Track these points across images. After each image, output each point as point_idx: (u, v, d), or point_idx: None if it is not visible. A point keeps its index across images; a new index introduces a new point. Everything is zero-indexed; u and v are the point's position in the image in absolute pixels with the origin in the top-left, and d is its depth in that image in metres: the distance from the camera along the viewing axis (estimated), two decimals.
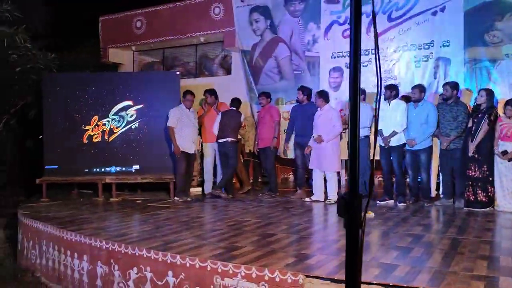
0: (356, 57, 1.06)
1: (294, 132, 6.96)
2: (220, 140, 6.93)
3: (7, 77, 8.32)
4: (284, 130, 7.41)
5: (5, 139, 9.22)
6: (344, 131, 6.50)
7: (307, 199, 6.45)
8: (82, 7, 11.63)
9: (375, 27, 1.27)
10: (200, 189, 7.67)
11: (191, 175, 7.30)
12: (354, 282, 1.05)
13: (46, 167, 7.44)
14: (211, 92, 7.32)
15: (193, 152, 7.02)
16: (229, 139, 6.88)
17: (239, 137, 7.48)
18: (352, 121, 1.09)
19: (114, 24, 10.37)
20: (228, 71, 9.71)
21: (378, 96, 1.25)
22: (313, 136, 6.36)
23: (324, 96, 6.42)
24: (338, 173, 7.03)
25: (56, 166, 7.42)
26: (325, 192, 6.44)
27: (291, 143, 7.10)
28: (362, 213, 1.09)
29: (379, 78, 1.25)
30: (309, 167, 6.53)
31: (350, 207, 1.05)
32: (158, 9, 9.81)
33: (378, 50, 1.20)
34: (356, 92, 1.07)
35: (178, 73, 7.98)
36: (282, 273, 2.97)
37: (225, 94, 7.72)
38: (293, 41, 8.28)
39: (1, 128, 8.76)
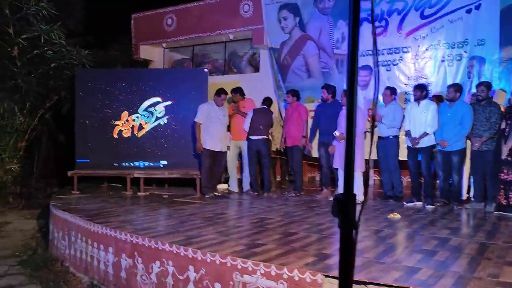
0: (353, 58, 1.05)
1: (318, 131, 6.91)
2: (252, 137, 6.96)
3: (43, 72, 8.62)
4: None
5: (40, 133, 9.55)
6: (369, 130, 6.39)
7: (331, 198, 6.37)
8: (115, 4, 11.89)
9: (373, 28, 1.24)
10: (226, 185, 7.72)
11: (218, 173, 7.27)
12: (347, 283, 1.05)
13: (77, 160, 7.68)
14: (237, 91, 7.33)
15: (219, 150, 6.95)
16: (262, 137, 6.96)
17: None
18: (349, 122, 1.08)
19: (146, 22, 10.56)
20: (256, 69, 9.72)
21: (375, 95, 1.24)
22: (335, 133, 6.25)
23: None
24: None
25: (87, 160, 7.63)
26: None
27: (315, 142, 7.05)
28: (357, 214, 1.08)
29: (377, 79, 1.23)
30: (333, 166, 6.45)
31: (344, 208, 1.04)
32: (189, 7, 9.92)
33: (376, 51, 1.19)
34: (353, 93, 1.06)
35: (206, 70, 8.06)
36: (301, 272, 2.96)
37: (253, 91, 7.74)
38: (322, 38, 8.21)
39: (36, 122, 9.07)
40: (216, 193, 6.95)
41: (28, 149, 9.40)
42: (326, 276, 2.90)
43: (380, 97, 6.36)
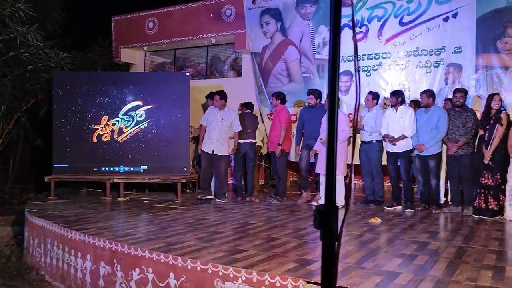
0: (335, 63, 1.04)
1: (303, 135, 6.89)
2: (241, 141, 7.05)
3: (19, 75, 8.41)
4: (292, 133, 7.36)
5: (16, 137, 9.32)
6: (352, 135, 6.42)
7: (314, 203, 6.38)
8: (95, 7, 11.72)
9: (354, 34, 1.24)
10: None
11: (218, 176, 7.03)
12: None
13: (54, 165, 7.51)
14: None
15: (212, 152, 6.77)
16: (250, 141, 7.12)
17: None
18: (330, 128, 1.07)
19: (127, 24, 10.44)
20: (238, 73, 9.71)
21: (357, 102, 1.23)
22: (320, 139, 6.29)
23: None
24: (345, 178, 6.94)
25: (66, 165, 7.48)
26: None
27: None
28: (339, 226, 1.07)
29: (358, 85, 1.23)
30: (316, 171, 6.47)
31: (326, 219, 1.03)
32: (171, 10, 9.85)
33: (357, 57, 1.18)
34: (334, 98, 1.05)
35: (188, 74, 8.01)
36: (282, 278, 2.95)
37: (236, 96, 7.72)
38: (303, 43, 8.25)
39: (12, 126, 8.85)
40: (200, 197, 6.89)
41: (3, 154, 9.15)
42: (308, 282, 2.89)
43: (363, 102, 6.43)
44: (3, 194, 9.24)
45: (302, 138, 6.87)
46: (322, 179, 6.31)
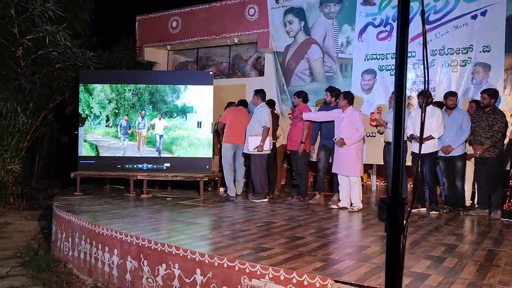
0: (402, 60, 1.03)
1: (320, 135, 6.86)
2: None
3: (47, 73, 8.61)
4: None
5: (42, 134, 9.53)
6: (369, 135, 6.36)
7: (334, 206, 6.26)
8: (120, 7, 11.90)
9: (423, 27, 1.22)
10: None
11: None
12: None
13: (80, 161, 7.66)
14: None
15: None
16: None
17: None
18: (397, 126, 1.06)
19: (151, 24, 10.56)
20: (260, 73, 9.71)
21: (424, 99, 1.21)
22: (335, 139, 6.22)
23: (349, 98, 6.19)
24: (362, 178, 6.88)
25: (93, 162, 7.63)
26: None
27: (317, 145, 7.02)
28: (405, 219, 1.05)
29: (427, 81, 1.21)
30: (332, 171, 6.37)
31: (392, 212, 1.01)
32: (194, 10, 9.92)
33: (426, 52, 1.16)
34: (401, 96, 1.04)
35: (211, 72, 8.05)
36: (310, 276, 2.94)
37: None
38: (327, 43, 8.22)
39: (39, 122, 9.05)
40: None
41: (30, 150, 9.36)
42: (336, 281, 2.88)
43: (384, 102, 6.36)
44: (29, 189, 9.44)
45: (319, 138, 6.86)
46: (341, 181, 6.23)
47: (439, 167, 6.11)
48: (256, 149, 6.70)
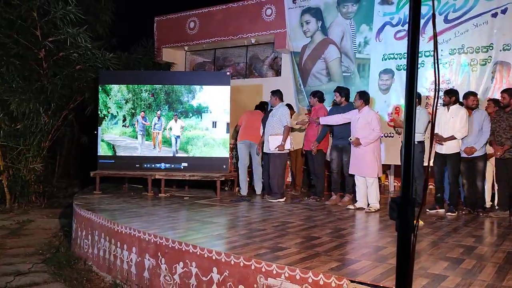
0: (413, 59, 1.04)
1: (332, 135, 6.86)
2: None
3: (68, 74, 8.79)
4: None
5: (63, 133, 9.72)
6: (387, 135, 6.30)
7: (351, 206, 6.22)
8: (139, 8, 12.07)
9: (434, 28, 1.23)
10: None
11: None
12: None
13: (100, 161, 7.79)
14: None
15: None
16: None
17: None
18: (407, 125, 1.07)
19: (168, 25, 10.67)
20: (277, 73, 9.73)
21: (436, 99, 1.22)
22: (350, 139, 6.18)
23: (365, 97, 6.14)
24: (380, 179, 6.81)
25: (113, 161, 7.76)
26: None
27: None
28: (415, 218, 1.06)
29: (437, 81, 1.22)
30: (349, 172, 6.34)
31: (403, 211, 1.02)
32: (212, 10, 9.99)
33: (437, 52, 1.17)
34: (412, 95, 1.05)
35: (228, 73, 8.10)
36: (326, 276, 2.95)
37: None
38: (344, 43, 8.18)
39: (60, 122, 9.23)
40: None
41: (51, 149, 9.57)
42: (352, 281, 2.88)
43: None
44: (50, 188, 9.64)
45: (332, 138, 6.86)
46: (357, 181, 6.18)
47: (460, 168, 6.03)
48: (277, 149, 6.73)
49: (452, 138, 5.82)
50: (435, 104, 1.18)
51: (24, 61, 8.44)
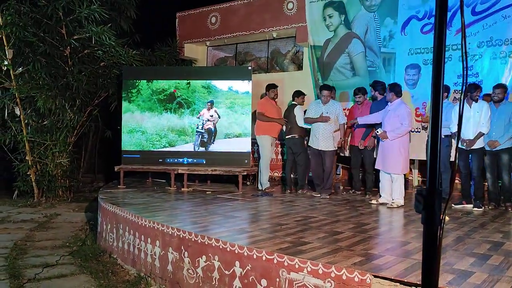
0: (439, 53, 1.02)
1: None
2: (286, 136, 7.11)
3: (92, 71, 8.95)
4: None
5: (88, 129, 9.91)
6: (415, 130, 6.19)
7: (374, 201, 6.15)
8: (161, 4, 12.16)
9: (462, 22, 1.19)
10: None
11: (324, 170, 7.25)
12: (431, 284, 1.00)
13: (124, 155, 7.91)
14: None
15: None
16: (292, 136, 7.08)
17: None
18: (434, 119, 1.05)
19: (190, 20, 10.71)
20: (299, 67, 9.67)
21: (462, 94, 1.19)
22: (377, 132, 6.07)
23: (395, 90, 5.93)
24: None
25: (138, 156, 7.87)
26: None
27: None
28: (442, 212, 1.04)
29: (465, 75, 1.19)
30: (375, 167, 6.26)
31: (430, 203, 0.99)
32: (233, 5, 9.98)
33: (465, 45, 1.14)
34: (438, 89, 1.03)
35: (250, 68, 8.10)
36: (349, 271, 2.93)
37: (296, 89, 7.69)
38: (368, 36, 8.05)
39: (85, 118, 9.41)
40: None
41: (76, 145, 9.77)
42: (375, 276, 2.85)
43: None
44: (76, 182, 9.86)
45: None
46: (381, 176, 6.09)
47: (484, 162, 5.89)
48: (335, 145, 6.72)
49: (480, 135, 5.69)
50: (462, 99, 1.15)
51: (50, 59, 8.63)
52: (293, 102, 7.29)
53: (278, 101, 7.65)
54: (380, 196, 6.13)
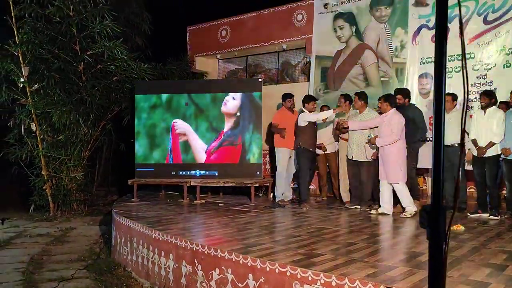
0: (441, 62, 1.03)
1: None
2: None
3: (105, 86, 9.10)
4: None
5: (102, 143, 10.03)
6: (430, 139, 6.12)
7: (373, 211, 6.04)
8: (172, 18, 12.34)
9: (461, 33, 1.21)
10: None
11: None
12: None
13: (137, 169, 7.99)
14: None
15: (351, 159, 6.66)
16: (298, 145, 6.88)
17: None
18: (437, 129, 1.06)
19: (201, 34, 10.85)
20: (309, 77, 9.69)
21: (465, 102, 1.20)
22: (368, 137, 6.13)
23: (389, 100, 5.99)
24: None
25: (153, 169, 7.94)
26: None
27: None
28: (447, 226, 1.04)
29: (466, 83, 1.20)
30: (379, 178, 6.17)
31: (433, 219, 1.00)
32: (243, 18, 10.09)
33: (465, 56, 1.15)
34: (440, 98, 1.04)
35: (260, 80, 8.15)
36: (363, 283, 2.91)
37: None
38: (380, 47, 8.05)
39: (99, 132, 9.54)
40: (348, 206, 6.73)
41: (90, 158, 9.89)
42: None
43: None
44: (90, 196, 9.96)
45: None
46: (382, 186, 6.00)
47: (501, 170, 5.83)
48: (372, 157, 6.37)
49: (491, 144, 5.64)
50: (464, 110, 1.16)
51: (64, 75, 8.80)
52: (302, 108, 7.16)
53: None
54: (379, 206, 6.05)
